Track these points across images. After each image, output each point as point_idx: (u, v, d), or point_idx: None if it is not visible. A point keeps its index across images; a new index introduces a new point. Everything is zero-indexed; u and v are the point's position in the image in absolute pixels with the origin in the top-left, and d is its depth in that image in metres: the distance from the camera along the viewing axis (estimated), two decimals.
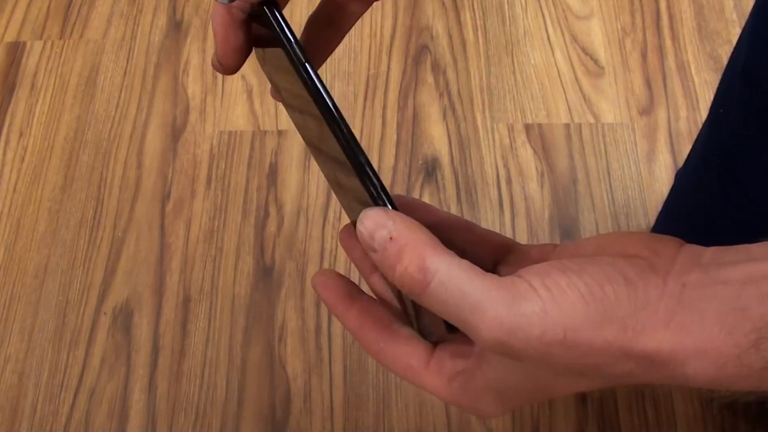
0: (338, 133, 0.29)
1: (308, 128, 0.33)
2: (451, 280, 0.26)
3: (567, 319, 0.26)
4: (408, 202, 0.34)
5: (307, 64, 0.30)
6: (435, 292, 0.27)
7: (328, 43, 0.38)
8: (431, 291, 0.27)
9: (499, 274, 0.27)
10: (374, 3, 0.38)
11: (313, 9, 0.38)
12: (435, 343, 0.31)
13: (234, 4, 0.33)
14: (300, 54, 0.30)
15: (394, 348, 0.32)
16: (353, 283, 0.33)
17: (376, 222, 0.28)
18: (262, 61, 0.36)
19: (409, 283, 0.27)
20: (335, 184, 0.35)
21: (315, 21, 0.38)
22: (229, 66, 0.35)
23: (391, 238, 0.27)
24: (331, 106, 0.29)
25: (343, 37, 0.38)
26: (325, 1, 0.38)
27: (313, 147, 0.35)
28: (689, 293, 0.26)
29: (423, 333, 0.31)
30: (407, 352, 0.31)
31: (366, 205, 0.29)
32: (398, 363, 0.31)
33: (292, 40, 0.30)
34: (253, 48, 0.35)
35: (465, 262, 0.27)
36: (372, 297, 0.34)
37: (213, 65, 0.35)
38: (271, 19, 0.31)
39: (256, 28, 0.34)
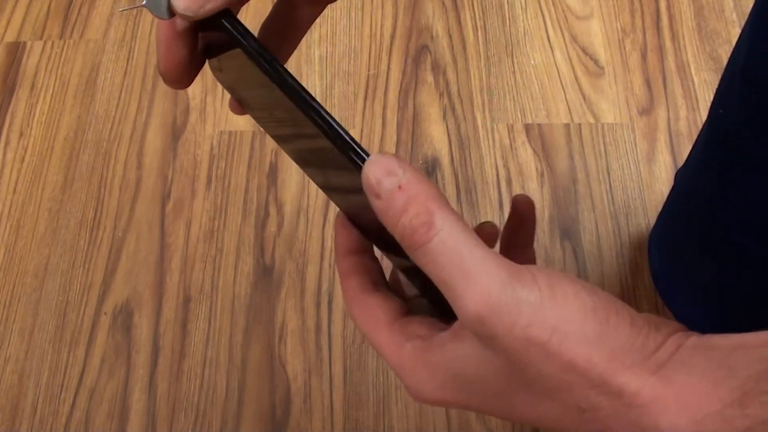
0: (310, 112, 0.28)
1: (284, 127, 0.32)
2: (453, 242, 0.25)
3: (559, 322, 0.24)
4: None
5: (267, 54, 0.29)
6: (433, 250, 0.25)
7: (281, 52, 0.36)
8: (430, 248, 0.25)
9: None
10: (330, 4, 0.37)
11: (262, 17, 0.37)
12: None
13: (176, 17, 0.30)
14: (259, 45, 0.29)
15: (368, 298, 0.31)
16: (368, 243, 0.33)
17: (385, 168, 0.26)
18: (218, 72, 0.34)
19: (411, 235, 0.26)
20: (328, 188, 0.34)
21: (267, 29, 0.36)
22: (175, 80, 0.32)
23: (400, 187, 0.26)
24: (296, 86, 0.28)
25: (296, 44, 0.37)
26: (275, 9, 0.36)
27: (293, 148, 0.33)
28: (682, 352, 0.25)
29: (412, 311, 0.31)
30: (379, 303, 0.30)
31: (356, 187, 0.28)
32: (366, 312, 0.30)
33: (250, 37, 0.29)
34: (207, 60, 0.33)
35: (470, 230, 0.26)
36: (375, 259, 0.33)
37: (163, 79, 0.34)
38: (225, 22, 0.29)
39: (206, 37, 0.31)
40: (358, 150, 0.27)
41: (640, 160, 0.98)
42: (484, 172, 0.98)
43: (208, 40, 0.31)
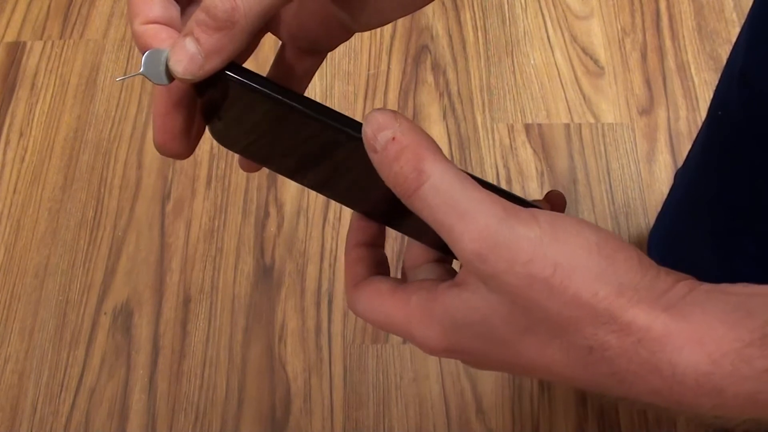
0: (340, 119, 0.28)
1: (303, 156, 0.31)
2: (445, 185, 0.25)
3: (562, 257, 0.24)
4: None
5: (275, 84, 0.28)
6: (426, 195, 0.26)
7: None
8: (422, 193, 0.26)
9: None
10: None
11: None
12: None
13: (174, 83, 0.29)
14: (263, 78, 0.28)
15: (370, 279, 0.31)
16: (381, 239, 0.33)
17: (381, 123, 0.27)
18: (223, 133, 0.32)
19: (402, 182, 0.26)
20: (350, 197, 0.33)
21: None
22: (175, 153, 0.31)
23: (393, 139, 0.27)
24: (316, 102, 0.28)
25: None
26: (276, 65, 0.36)
27: (315, 174, 0.32)
28: (696, 295, 0.24)
29: None
30: (382, 279, 0.31)
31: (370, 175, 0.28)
32: (368, 291, 0.30)
33: (253, 75, 0.28)
34: (208, 125, 0.32)
35: (464, 174, 0.26)
36: (384, 255, 0.33)
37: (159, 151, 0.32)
38: (235, 75, 0.28)
39: (206, 98, 0.30)
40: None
41: (640, 160, 0.98)
42: (484, 172, 0.98)
43: (207, 102, 0.30)
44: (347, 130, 0.28)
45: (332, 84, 1.05)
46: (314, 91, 1.04)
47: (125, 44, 1.10)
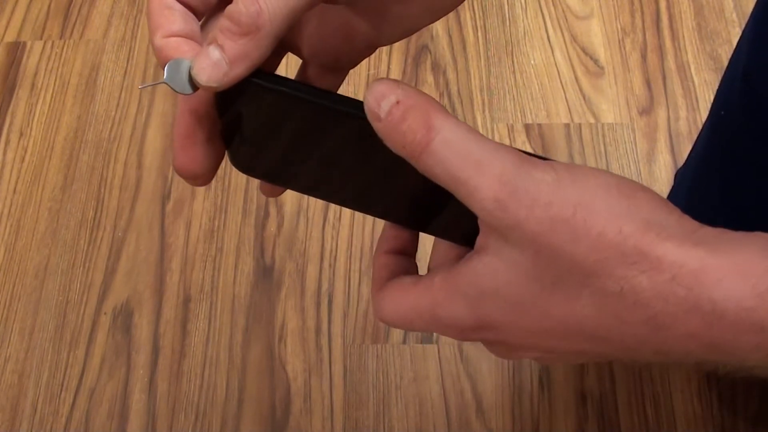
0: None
1: (332, 162, 0.30)
2: (456, 138, 0.25)
3: (582, 197, 0.23)
4: None
5: (306, 86, 0.27)
6: (437, 150, 0.25)
7: None
8: (433, 148, 0.25)
9: None
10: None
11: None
12: None
13: (198, 93, 0.28)
14: (294, 81, 0.28)
15: (394, 281, 0.30)
16: (412, 249, 0.32)
17: (384, 91, 0.26)
18: (246, 154, 0.31)
19: (411, 141, 0.25)
20: (381, 202, 0.32)
21: None
22: (196, 176, 0.30)
23: (397, 102, 0.26)
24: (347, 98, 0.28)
25: None
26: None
27: (346, 181, 0.31)
28: (729, 234, 0.23)
29: None
30: (406, 276, 0.30)
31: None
32: (392, 290, 0.29)
33: (283, 79, 0.27)
34: (227, 150, 0.31)
35: (473, 129, 0.25)
36: (412, 263, 0.32)
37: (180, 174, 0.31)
38: (262, 81, 0.27)
39: (228, 116, 0.29)
40: None
41: (640, 160, 0.98)
42: None
43: (229, 120, 0.29)
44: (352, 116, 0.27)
45: None
46: None
47: (125, 44, 1.10)
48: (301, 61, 0.34)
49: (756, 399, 0.82)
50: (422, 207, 0.29)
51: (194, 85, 0.27)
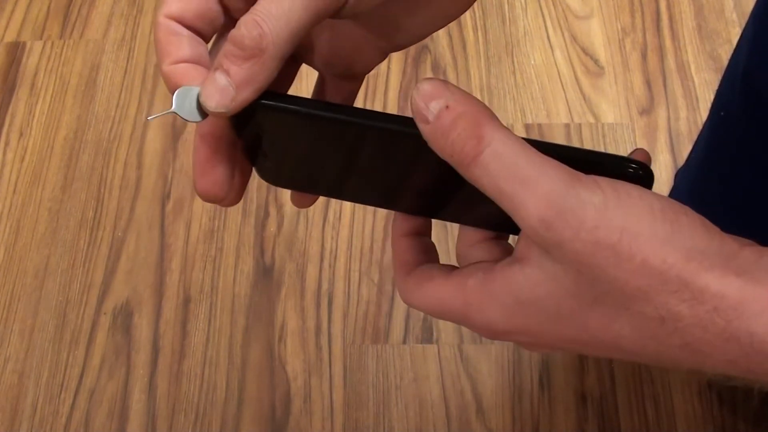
0: (398, 123, 0.27)
1: (352, 166, 0.30)
2: (506, 151, 0.24)
3: (627, 222, 0.23)
4: None
5: (320, 103, 0.27)
6: (487, 161, 0.24)
7: None
8: (483, 159, 0.24)
9: None
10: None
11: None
12: None
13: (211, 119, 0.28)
14: (305, 99, 0.27)
15: (422, 267, 0.30)
16: (427, 228, 0.32)
17: (432, 92, 0.26)
18: (271, 169, 0.31)
19: (461, 149, 0.25)
20: (388, 194, 0.32)
21: None
22: (221, 199, 0.30)
23: (447, 107, 0.25)
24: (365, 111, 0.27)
25: None
26: (316, 94, 0.36)
27: (367, 182, 0.31)
28: (766, 258, 0.23)
29: None
30: (434, 266, 0.30)
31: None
32: (421, 279, 0.29)
33: (292, 99, 0.27)
34: (254, 166, 0.31)
35: (522, 141, 0.25)
36: (430, 243, 0.32)
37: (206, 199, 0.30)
38: (272, 102, 0.27)
39: (246, 136, 0.29)
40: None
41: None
42: None
43: (249, 140, 0.29)
44: (401, 127, 0.27)
45: None
46: None
47: (125, 44, 1.10)
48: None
49: (756, 399, 0.82)
50: (451, 200, 0.29)
51: (203, 112, 0.27)
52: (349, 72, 0.34)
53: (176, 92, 0.28)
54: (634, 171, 0.26)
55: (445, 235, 0.90)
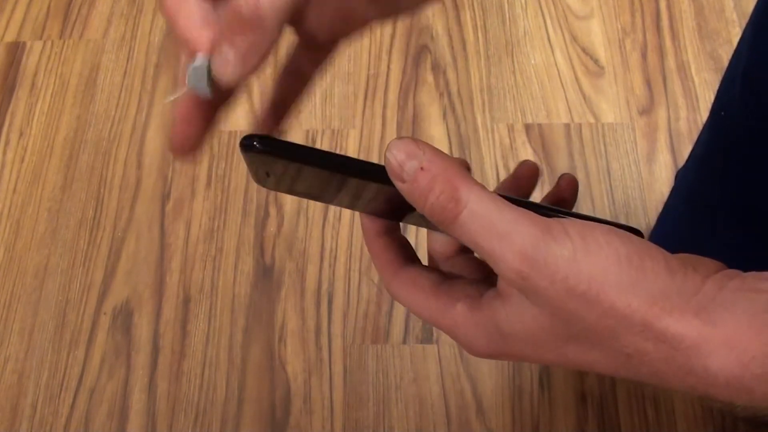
0: (376, 176, 0.29)
1: (330, 194, 0.33)
2: (482, 211, 0.26)
3: (595, 273, 0.25)
4: None
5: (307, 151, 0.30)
6: (465, 222, 0.27)
7: (297, 94, 0.36)
8: (462, 220, 0.27)
9: None
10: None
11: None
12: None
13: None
14: (295, 146, 0.30)
15: (407, 271, 0.32)
16: (396, 225, 0.34)
17: (406, 152, 0.27)
18: (268, 183, 0.34)
19: (440, 212, 0.27)
20: (353, 205, 0.35)
21: (286, 74, 0.36)
22: (189, 153, 0.32)
23: (422, 168, 0.27)
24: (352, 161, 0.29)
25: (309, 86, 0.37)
26: (283, 67, 0.36)
27: (336, 201, 0.34)
28: (724, 294, 0.25)
29: None
30: (419, 273, 0.32)
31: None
32: (408, 285, 0.31)
33: (282, 146, 0.29)
34: (255, 177, 0.34)
35: (496, 195, 0.27)
36: (403, 238, 0.34)
37: (172, 149, 0.32)
38: (262, 147, 0.29)
39: (248, 161, 0.31)
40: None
41: (640, 160, 0.98)
42: (484, 172, 0.98)
43: (250, 163, 0.32)
44: (378, 179, 0.29)
45: (332, 84, 1.05)
46: (314, 91, 1.04)
47: (125, 44, 1.10)
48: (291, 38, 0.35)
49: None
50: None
51: (213, 85, 0.29)
52: (329, 41, 0.35)
53: (189, 70, 0.29)
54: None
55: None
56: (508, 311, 0.28)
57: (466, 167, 0.35)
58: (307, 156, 0.30)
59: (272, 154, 0.30)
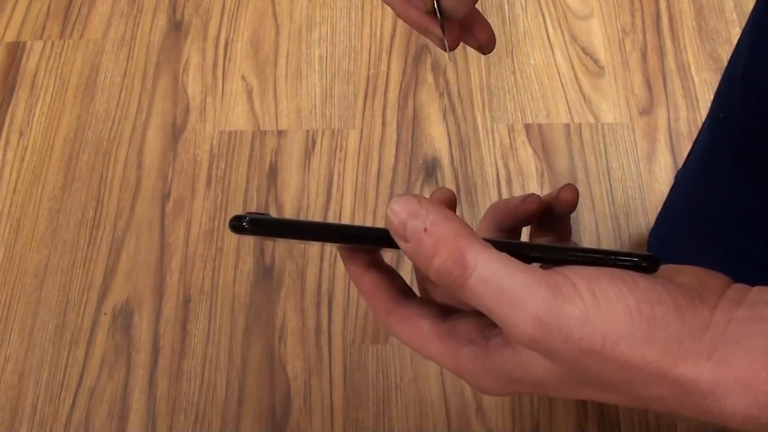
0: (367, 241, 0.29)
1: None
2: (491, 275, 0.26)
3: (608, 330, 0.25)
4: None
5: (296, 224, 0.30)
6: (474, 287, 0.26)
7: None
8: (470, 286, 0.26)
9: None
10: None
11: None
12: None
13: None
14: (284, 221, 0.29)
15: (404, 310, 0.31)
16: (379, 256, 0.33)
17: (408, 211, 0.27)
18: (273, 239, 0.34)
19: (447, 278, 0.26)
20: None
21: None
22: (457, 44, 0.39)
23: (425, 230, 0.26)
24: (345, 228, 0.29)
25: None
26: None
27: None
28: (734, 328, 0.25)
29: None
30: (417, 313, 0.31)
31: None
32: (408, 326, 0.31)
33: (272, 225, 0.29)
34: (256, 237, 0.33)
35: (504, 256, 0.26)
36: (390, 267, 0.33)
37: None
38: (262, 228, 0.29)
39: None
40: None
41: (640, 160, 0.98)
42: (484, 172, 0.98)
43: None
44: (374, 244, 0.29)
45: (332, 84, 1.05)
46: (314, 91, 1.04)
47: (125, 44, 1.10)
48: None
49: None
50: None
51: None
52: None
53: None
54: (634, 265, 0.28)
55: None
56: (518, 361, 0.28)
57: (453, 200, 0.35)
58: (298, 231, 0.29)
59: (262, 234, 0.29)
